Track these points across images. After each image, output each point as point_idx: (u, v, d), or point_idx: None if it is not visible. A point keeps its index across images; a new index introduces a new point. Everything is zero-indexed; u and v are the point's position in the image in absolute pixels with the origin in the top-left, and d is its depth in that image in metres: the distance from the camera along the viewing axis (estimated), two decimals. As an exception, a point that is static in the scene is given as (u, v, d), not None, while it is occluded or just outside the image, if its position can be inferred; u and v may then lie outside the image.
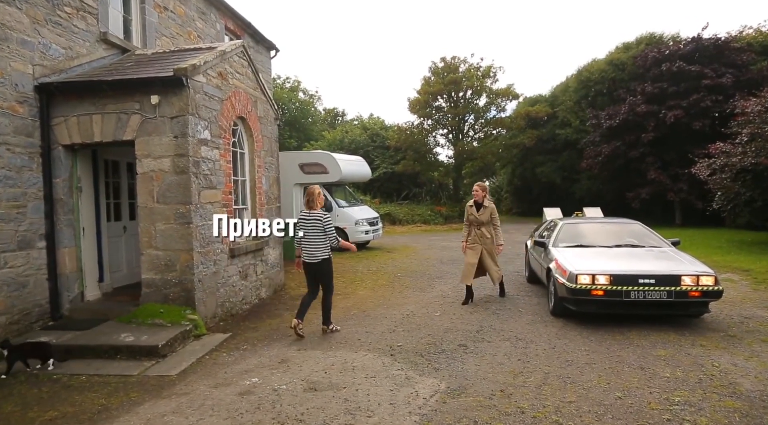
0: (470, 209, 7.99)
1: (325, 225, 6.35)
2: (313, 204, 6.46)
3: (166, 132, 6.49)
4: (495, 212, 7.96)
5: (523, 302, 8.03)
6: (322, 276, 6.52)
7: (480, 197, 7.91)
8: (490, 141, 31.01)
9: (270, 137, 9.41)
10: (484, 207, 7.89)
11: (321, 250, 6.39)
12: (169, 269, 6.55)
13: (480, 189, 7.95)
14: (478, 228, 7.92)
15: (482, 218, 7.86)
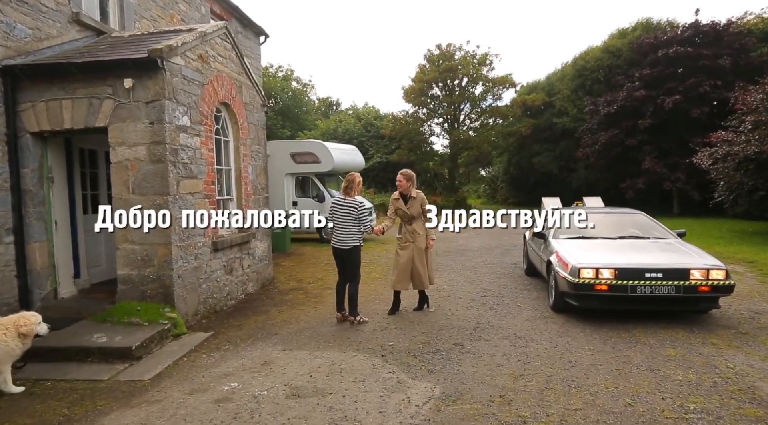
0: (396, 203, 6.77)
1: (360, 213, 6.25)
2: (351, 191, 6.31)
3: (141, 118, 6.05)
4: (426, 201, 6.81)
5: (521, 297, 7.68)
6: (348, 264, 6.39)
7: (405, 188, 6.67)
8: (486, 130, 30.61)
9: (257, 125, 8.97)
10: (412, 198, 6.69)
11: (351, 237, 6.28)
12: (147, 264, 6.15)
13: (404, 178, 6.67)
14: (409, 224, 6.74)
15: (412, 211, 6.68)
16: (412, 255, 6.69)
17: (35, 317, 4.64)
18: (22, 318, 4.53)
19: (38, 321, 4.63)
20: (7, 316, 4.60)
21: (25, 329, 4.48)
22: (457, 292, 8.15)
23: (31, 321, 4.55)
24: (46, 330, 4.69)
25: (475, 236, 16.48)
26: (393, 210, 6.87)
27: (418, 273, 6.70)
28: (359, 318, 6.39)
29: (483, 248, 13.40)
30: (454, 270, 10.23)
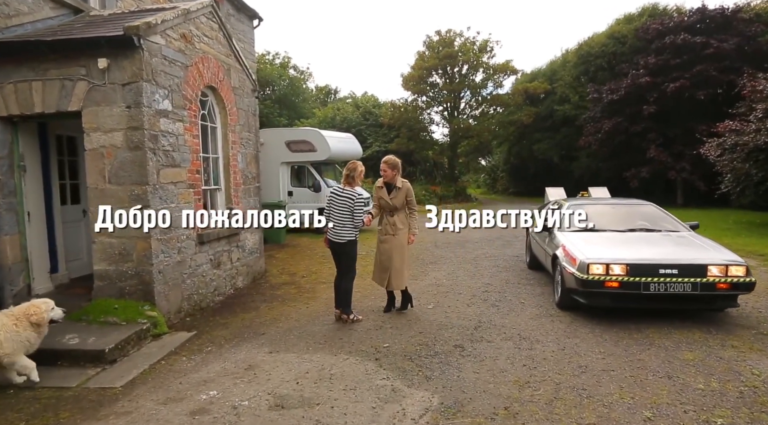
0: (380, 192, 6.23)
1: (355, 206, 5.82)
2: (352, 181, 5.91)
3: (117, 101, 5.61)
4: (411, 193, 6.24)
5: (525, 293, 7.29)
6: (344, 259, 6.00)
7: (390, 177, 6.15)
8: (486, 119, 30.09)
9: (247, 111, 8.51)
10: (397, 188, 6.14)
11: (347, 230, 5.88)
12: (125, 259, 5.74)
13: (388, 167, 6.14)
14: (391, 215, 6.22)
15: (395, 202, 6.13)
16: (390, 252, 6.22)
17: (46, 304, 4.47)
18: (32, 307, 4.37)
19: (50, 308, 4.47)
20: (18, 306, 4.45)
21: (35, 318, 4.31)
22: (456, 287, 7.76)
23: (41, 309, 4.38)
24: (61, 314, 4.56)
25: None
26: (377, 199, 6.41)
27: (396, 271, 6.20)
28: (352, 317, 6.01)
29: (484, 240, 13.00)
30: (453, 263, 9.84)
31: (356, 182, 5.94)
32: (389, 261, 6.23)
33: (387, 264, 6.25)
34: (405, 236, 6.23)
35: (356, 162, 6.06)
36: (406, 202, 6.22)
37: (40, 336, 4.43)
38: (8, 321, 4.24)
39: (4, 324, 4.20)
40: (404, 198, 6.20)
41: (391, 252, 6.21)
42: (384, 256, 6.28)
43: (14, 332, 4.22)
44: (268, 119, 29.25)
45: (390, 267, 6.23)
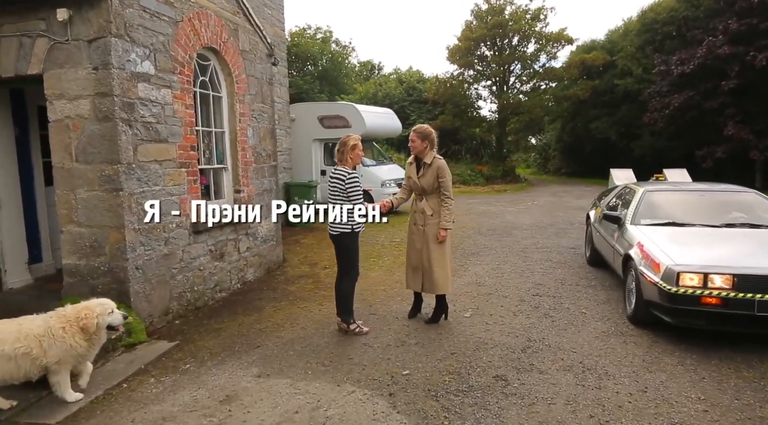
0: (409, 169, 5.12)
1: (347, 187, 4.66)
2: (343, 157, 4.77)
3: (83, 62, 4.59)
4: (445, 172, 4.88)
5: (585, 298, 5.94)
6: (341, 255, 4.92)
7: (419, 149, 4.93)
8: (538, 94, 27.97)
9: (260, 78, 7.41)
10: (427, 165, 4.93)
11: (341, 219, 4.72)
12: (96, 252, 4.79)
13: (417, 136, 4.90)
14: (420, 199, 5.04)
15: (423, 182, 4.91)
16: (419, 247, 5.04)
17: (102, 306, 3.68)
18: (84, 309, 3.60)
19: (106, 311, 3.68)
20: (75, 305, 3.67)
21: (84, 322, 3.53)
22: (501, 288, 6.48)
23: (93, 313, 3.58)
24: (120, 319, 3.78)
25: (525, 212, 14.59)
26: (406, 178, 5.23)
27: (428, 272, 5.01)
28: (354, 327, 4.89)
29: (534, 227, 11.56)
30: (498, 255, 8.53)
31: (349, 160, 4.76)
32: (419, 260, 5.04)
33: (417, 263, 5.07)
34: (435, 228, 4.99)
35: (349, 135, 4.87)
36: (437, 183, 4.96)
37: (92, 346, 3.64)
38: (57, 324, 3.50)
39: (50, 327, 3.48)
40: (435, 178, 4.94)
41: (420, 248, 5.03)
42: (413, 252, 5.11)
43: (60, 337, 3.46)
44: (308, 95, 28.28)
45: (421, 267, 5.04)
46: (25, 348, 3.35)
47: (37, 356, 3.38)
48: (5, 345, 3.30)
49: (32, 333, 3.40)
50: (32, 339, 3.38)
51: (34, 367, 3.41)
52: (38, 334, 3.42)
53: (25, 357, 3.35)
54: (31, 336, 3.39)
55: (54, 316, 3.57)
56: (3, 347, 3.30)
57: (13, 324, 3.46)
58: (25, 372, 3.40)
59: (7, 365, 3.32)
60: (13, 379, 3.40)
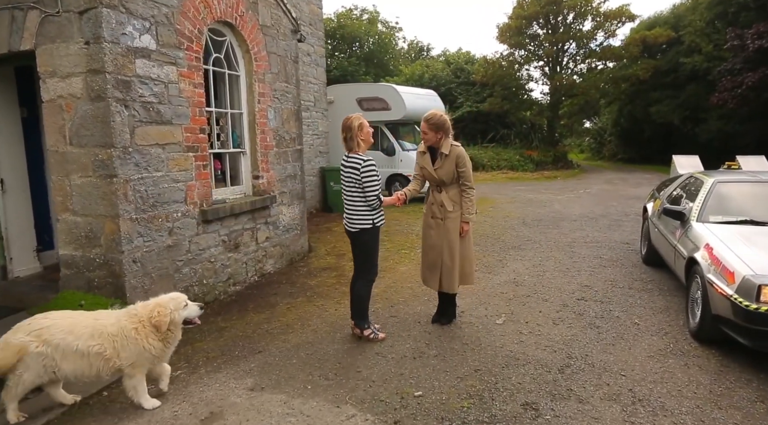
0: (421, 159, 4.57)
1: (363, 177, 4.07)
2: (352, 144, 4.17)
3: (74, 35, 4.20)
4: (465, 161, 4.36)
5: (639, 305, 5.16)
6: (358, 252, 4.34)
7: (433, 141, 4.39)
8: (594, 75, 26.29)
9: (284, 56, 6.90)
10: (444, 156, 4.37)
11: (359, 214, 4.20)
12: (92, 243, 4.44)
13: (429, 127, 4.34)
14: (438, 191, 4.49)
15: (441, 174, 4.38)
16: (438, 243, 4.46)
17: (175, 301, 3.36)
18: (157, 306, 3.27)
19: (180, 305, 3.36)
20: (146, 303, 3.36)
21: (157, 320, 3.22)
22: (542, 289, 5.78)
23: (166, 310, 3.25)
24: (197, 311, 3.45)
25: (575, 201, 13.61)
26: (418, 169, 4.63)
27: (448, 270, 4.44)
28: (369, 333, 4.36)
29: (584, 218, 10.65)
30: (542, 249, 7.77)
31: (361, 144, 4.17)
32: (438, 256, 4.45)
33: (435, 260, 4.49)
34: (457, 221, 4.41)
35: (352, 116, 4.25)
36: (456, 174, 4.36)
37: (167, 345, 3.34)
38: (129, 323, 3.22)
39: (122, 327, 3.21)
40: (453, 169, 4.36)
41: (439, 244, 4.45)
42: (430, 248, 4.53)
43: (133, 339, 3.18)
44: (353, 76, 27.78)
45: (439, 264, 4.45)
46: (98, 346, 3.09)
47: (110, 356, 3.12)
48: (79, 341, 3.06)
49: (106, 331, 3.14)
50: (106, 338, 3.12)
51: (107, 368, 3.16)
52: (112, 333, 3.15)
53: (99, 356, 3.10)
54: (105, 334, 3.13)
55: (125, 315, 3.28)
56: (77, 342, 3.06)
57: (89, 318, 3.21)
58: (97, 372, 3.14)
59: (80, 362, 3.08)
60: (84, 377, 3.15)
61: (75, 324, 3.13)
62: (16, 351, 3.01)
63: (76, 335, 3.07)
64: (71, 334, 3.07)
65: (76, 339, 3.06)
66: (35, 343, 3.01)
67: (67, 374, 3.10)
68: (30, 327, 3.08)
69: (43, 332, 3.05)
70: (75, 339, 3.06)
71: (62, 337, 3.05)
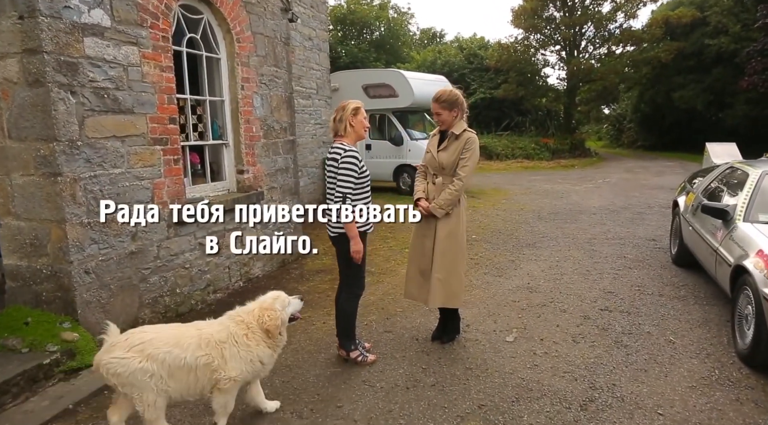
0: (430, 142, 3.99)
1: (339, 168, 3.45)
2: (340, 126, 3.56)
3: (5, 8, 3.58)
4: (473, 148, 3.72)
5: (672, 317, 4.47)
6: (341, 261, 3.72)
7: (448, 122, 3.75)
8: (613, 59, 25.19)
9: (272, 37, 6.25)
10: (454, 136, 3.75)
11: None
12: (38, 251, 3.87)
13: (441, 106, 3.73)
14: (434, 181, 3.86)
15: (442, 158, 3.77)
16: (429, 244, 3.82)
17: (279, 300, 3.00)
18: (264, 310, 2.90)
19: (285, 304, 3.01)
20: (246, 307, 2.99)
21: (270, 324, 2.86)
22: (559, 296, 5.11)
23: (275, 312, 2.90)
24: (299, 304, 3.13)
25: (594, 191, 12.83)
26: (425, 157, 4.00)
27: (441, 280, 3.79)
28: (356, 356, 3.74)
29: (604, 211, 9.90)
30: (559, 247, 7.07)
31: (350, 130, 3.55)
32: (428, 261, 3.81)
33: (424, 265, 3.84)
34: (458, 218, 3.80)
35: (349, 100, 3.63)
36: (457, 159, 3.74)
37: (275, 351, 3.00)
38: (239, 330, 2.85)
39: (232, 333, 2.83)
40: (457, 155, 3.73)
41: (430, 245, 3.81)
42: (420, 249, 3.88)
43: (245, 346, 2.81)
44: (363, 63, 27.04)
45: (430, 271, 3.81)
46: (207, 356, 2.72)
47: (217, 367, 2.74)
48: (186, 353, 2.68)
49: (213, 339, 2.78)
50: (213, 347, 2.76)
51: (210, 382, 2.77)
52: (219, 341, 2.78)
53: (206, 367, 2.73)
54: (212, 342, 2.77)
55: (230, 322, 2.90)
56: (184, 355, 2.67)
57: (191, 328, 2.86)
58: (201, 388, 2.77)
59: (187, 377, 2.70)
60: (188, 395, 2.78)
61: (178, 335, 2.75)
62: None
63: (182, 347, 2.68)
64: (177, 347, 2.67)
65: (183, 351, 2.67)
66: (138, 359, 2.59)
67: (175, 392, 2.69)
68: (128, 343, 2.64)
69: (146, 346, 2.63)
70: (181, 351, 2.67)
71: (167, 351, 2.64)
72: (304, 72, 10.52)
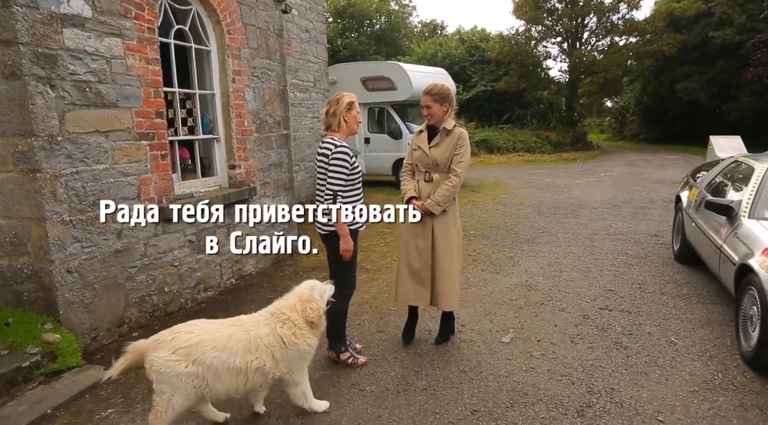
0: (416, 138, 3.78)
1: (330, 164, 3.32)
2: (333, 121, 3.43)
3: (-20, -2, 3.46)
4: (465, 144, 3.60)
5: (674, 316, 4.34)
6: (331, 260, 3.59)
7: (438, 117, 3.60)
8: (615, 50, 24.91)
9: (264, 29, 6.10)
10: (446, 132, 3.62)
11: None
12: (18, 250, 3.75)
13: (433, 99, 3.58)
14: (427, 179, 3.68)
15: (436, 154, 3.61)
16: (426, 245, 3.69)
17: (316, 289, 3.01)
18: (304, 303, 2.89)
19: (322, 293, 3.02)
20: (285, 298, 2.98)
21: (313, 316, 2.88)
22: (558, 294, 4.98)
23: (316, 303, 2.92)
24: (332, 289, 3.14)
25: (595, 185, 12.68)
26: (410, 154, 3.84)
27: (446, 281, 3.68)
28: (347, 357, 3.63)
29: (606, 205, 9.75)
30: (559, 243, 6.94)
31: (344, 125, 3.43)
32: (424, 263, 3.69)
33: (419, 266, 3.71)
34: (454, 215, 3.72)
35: (342, 93, 3.50)
36: (451, 157, 3.61)
37: (318, 337, 3.01)
38: (287, 331, 2.82)
39: (280, 335, 2.80)
40: (451, 151, 3.60)
41: (426, 245, 3.68)
42: (414, 250, 3.73)
43: (293, 344, 2.82)
44: (363, 56, 26.85)
45: (429, 272, 3.69)
46: (257, 360, 2.72)
47: (270, 369, 2.77)
48: (236, 358, 2.67)
49: (262, 342, 2.76)
50: (263, 350, 2.76)
51: (266, 381, 2.83)
52: (269, 344, 2.77)
53: (258, 371, 2.74)
54: (261, 346, 2.75)
55: (275, 322, 2.85)
56: (233, 359, 2.66)
57: (237, 330, 2.79)
58: (251, 387, 2.80)
59: (236, 379, 2.70)
60: (236, 394, 2.81)
61: (226, 338, 2.69)
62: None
63: (231, 351, 2.66)
64: (225, 351, 2.64)
65: (231, 355, 2.65)
66: (184, 363, 2.56)
67: (219, 393, 2.71)
68: (174, 344, 2.60)
69: (192, 350, 2.59)
70: (230, 356, 2.65)
71: (215, 355, 2.61)
72: (301, 65, 10.36)
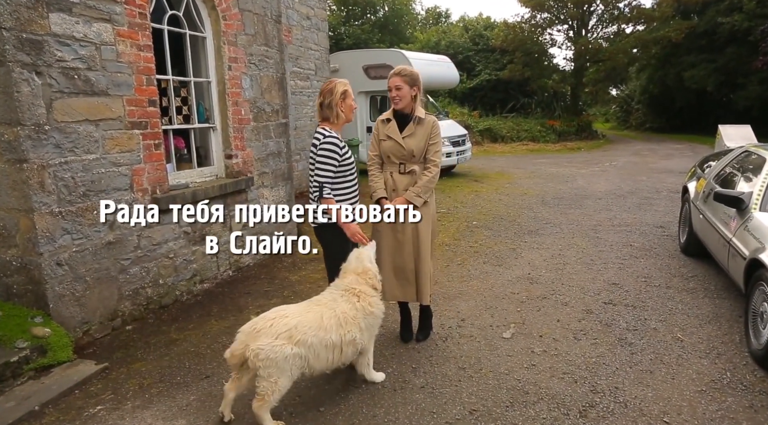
0: (383, 127, 3.56)
1: (317, 155, 3.22)
2: (329, 112, 3.30)
3: (-39, -20, 3.33)
4: (438, 132, 3.53)
5: (681, 311, 4.22)
6: (325, 253, 3.50)
7: (405, 101, 3.46)
8: (622, 38, 24.54)
9: (261, 15, 5.95)
10: (418, 120, 3.48)
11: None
12: (6, 242, 3.66)
13: (403, 80, 3.44)
14: (402, 171, 3.54)
15: (411, 144, 3.47)
16: (405, 240, 3.56)
17: (366, 254, 3.18)
18: (363, 274, 3.09)
19: (371, 258, 3.20)
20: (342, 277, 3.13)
21: (374, 281, 3.12)
22: (561, 287, 4.87)
23: (371, 269, 3.14)
24: (374, 247, 3.30)
25: (600, 175, 12.52)
26: (375, 145, 3.64)
27: (424, 271, 3.60)
28: None
29: (611, 195, 9.61)
30: (562, 235, 6.82)
31: (340, 115, 3.30)
32: (407, 257, 3.59)
33: (399, 261, 3.60)
34: (431, 206, 3.65)
35: (334, 80, 3.37)
36: (425, 148, 3.50)
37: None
38: (364, 303, 3.02)
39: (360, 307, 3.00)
40: (426, 141, 3.49)
41: (405, 239, 3.56)
42: (394, 246, 3.59)
43: (370, 313, 3.04)
44: (366, 44, 26.55)
45: (413, 268, 3.61)
46: (350, 334, 2.92)
47: (359, 341, 2.99)
48: (331, 333, 2.84)
49: (349, 315, 2.94)
50: (351, 322, 2.94)
51: (354, 352, 3.03)
52: (354, 316, 2.96)
53: (351, 343, 2.93)
54: (349, 319, 2.94)
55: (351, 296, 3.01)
56: (330, 336, 2.83)
57: (324, 308, 2.94)
58: (345, 360, 2.99)
59: (332, 354, 2.87)
60: (328, 368, 2.94)
61: (318, 317, 2.85)
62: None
63: (326, 329, 2.83)
64: (321, 329, 2.81)
65: (327, 333, 2.83)
66: (289, 346, 2.68)
67: (315, 370, 2.86)
68: (275, 330, 2.69)
69: (293, 332, 2.71)
70: (326, 333, 2.82)
71: (314, 334, 2.77)
72: (302, 52, 10.20)
